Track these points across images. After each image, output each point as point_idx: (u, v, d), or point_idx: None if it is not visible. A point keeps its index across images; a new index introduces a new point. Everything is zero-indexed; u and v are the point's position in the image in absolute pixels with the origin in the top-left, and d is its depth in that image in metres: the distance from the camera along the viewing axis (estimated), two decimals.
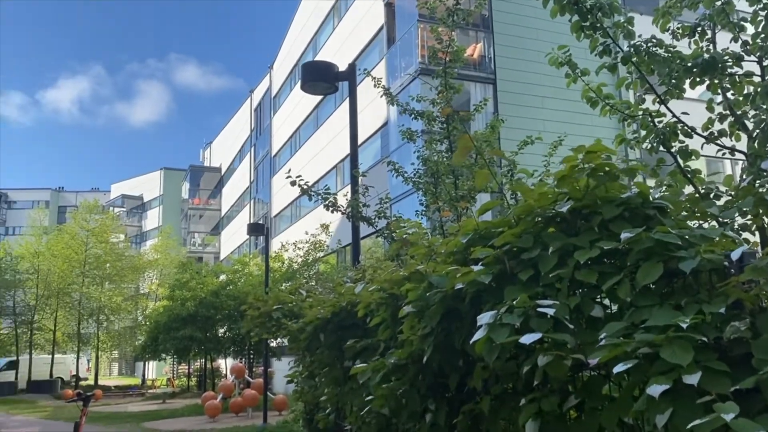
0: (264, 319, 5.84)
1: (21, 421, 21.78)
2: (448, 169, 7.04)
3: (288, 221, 34.05)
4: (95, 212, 40.18)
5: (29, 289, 38.14)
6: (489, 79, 20.59)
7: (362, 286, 4.18)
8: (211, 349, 27.73)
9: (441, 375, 3.16)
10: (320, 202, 7.30)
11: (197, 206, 57.33)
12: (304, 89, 7.43)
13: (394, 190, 15.76)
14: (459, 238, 2.97)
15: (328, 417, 5.79)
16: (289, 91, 35.50)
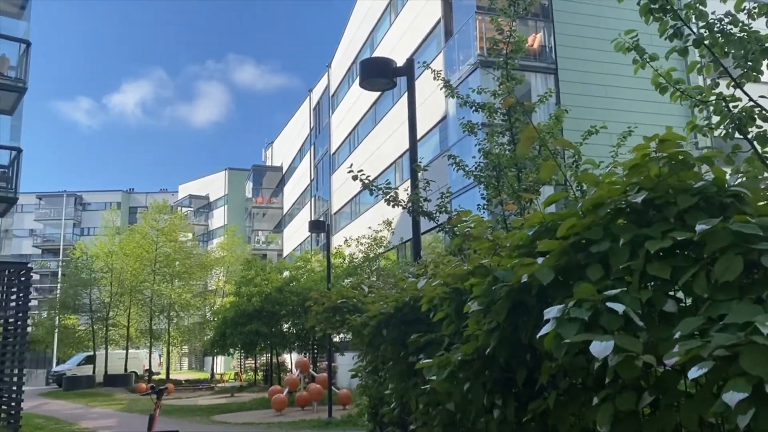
0: (328, 314, 5.90)
1: (99, 413, 22.81)
2: (510, 162, 6.93)
3: (348, 218, 34.35)
4: (164, 212, 41.60)
5: (104, 287, 39.91)
6: (550, 69, 20.19)
7: (425, 281, 4.17)
8: (276, 344, 28.29)
9: (508, 370, 3.11)
10: (380, 197, 7.32)
11: (260, 205, 58.59)
12: (362, 86, 7.45)
13: (455, 184, 15.65)
14: (524, 231, 2.91)
15: (392, 411, 5.81)
16: (347, 88, 35.77)
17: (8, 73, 17.32)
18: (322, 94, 42.03)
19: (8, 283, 16.83)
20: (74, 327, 44.80)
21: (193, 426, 17.10)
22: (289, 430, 15.80)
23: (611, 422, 2.26)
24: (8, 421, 15.74)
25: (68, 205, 79.68)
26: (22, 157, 17.11)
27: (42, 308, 50.10)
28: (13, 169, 17.10)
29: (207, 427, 17.27)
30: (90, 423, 18.65)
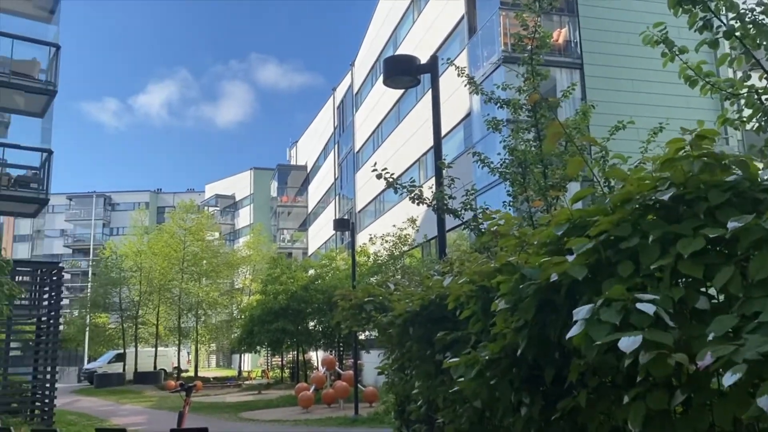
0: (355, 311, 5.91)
1: (129, 409, 23.19)
2: (536, 158, 6.87)
3: (372, 216, 34.40)
4: (191, 212, 42.10)
5: (133, 286, 40.53)
6: (575, 64, 19.98)
7: (451, 278, 4.16)
8: (302, 342, 28.47)
9: (536, 368, 3.09)
10: (405, 195, 7.32)
11: (285, 204, 58.97)
12: (386, 84, 7.45)
13: (479, 181, 15.59)
14: (552, 229, 2.88)
15: (419, 409, 5.80)
16: (371, 87, 35.80)
17: (39, 77, 17.67)
18: (346, 93, 42.12)
19: (41, 283, 17.19)
20: (105, 325, 45.61)
21: (221, 423, 17.30)
22: (317, 427, 15.89)
23: (643, 421, 2.23)
24: (42, 418, 16.08)
25: (98, 206, 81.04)
26: (52, 158, 17.45)
27: (73, 307, 51.04)
28: (44, 170, 17.45)
29: (235, 424, 17.45)
30: (120, 420, 18.96)
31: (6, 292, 7.89)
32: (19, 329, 18.35)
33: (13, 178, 17.04)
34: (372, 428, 15.08)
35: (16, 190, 16.77)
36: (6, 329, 17.01)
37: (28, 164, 17.92)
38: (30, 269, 18.34)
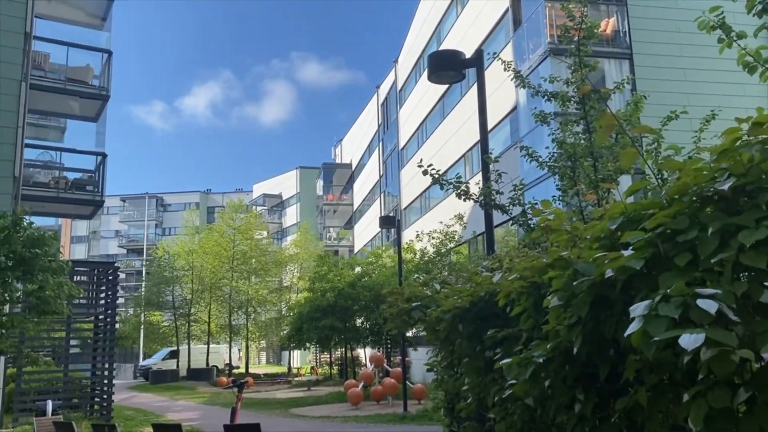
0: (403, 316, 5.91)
1: (183, 405, 23.76)
2: (586, 151, 6.73)
3: (418, 213, 34.34)
4: (240, 211, 42.84)
5: (185, 285, 41.50)
6: (624, 54, 19.50)
7: (500, 275, 4.11)
8: (350, 339, 28.64)
9: (589, 365, 3.03)
10: (451, 191, 7.26)
11: (331, 202, 59.41)
12: (431, 80, 7.42)
13: (527, 175, 15.38)
14: (605, 223, 2.82)
15: (470, 406, 5.77)
16: (415, 83, 35.72)
17: (92, 82, 18.24)
18: (390, 90, 42.14)
19: (98, 282, 17.77)
20: (158, 323, 46.88)
21: (272, 419, 17.56)
22: (366, 424, 15.97)
23: (704, 420, 2.16)
24: (101, 413, 16.63)
25: (150, 207, 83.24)
26: (107, 161, 18.00)
27: (128, 305, 52.62)
28: (99, 173, 18.01)
29: (286, 420, 17.68)
30: (175, 415, 19.45)
31: (66, 292, 8.18)
32: (78, 327, 19.02)
33: (70, 181, 17.64)
34: (421, 425, 15.07)
35: (73, 193, 17.36)
36: (66, 327, 17.66)
37: (84, 167, 18.52)
38: (87, 269, 18.99)
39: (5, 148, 12.47)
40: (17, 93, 12.84)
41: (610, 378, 2.96)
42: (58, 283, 8.13)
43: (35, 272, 7.94)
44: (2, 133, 12.48)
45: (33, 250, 7.88)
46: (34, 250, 7.90)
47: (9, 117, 12.63)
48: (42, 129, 20.50)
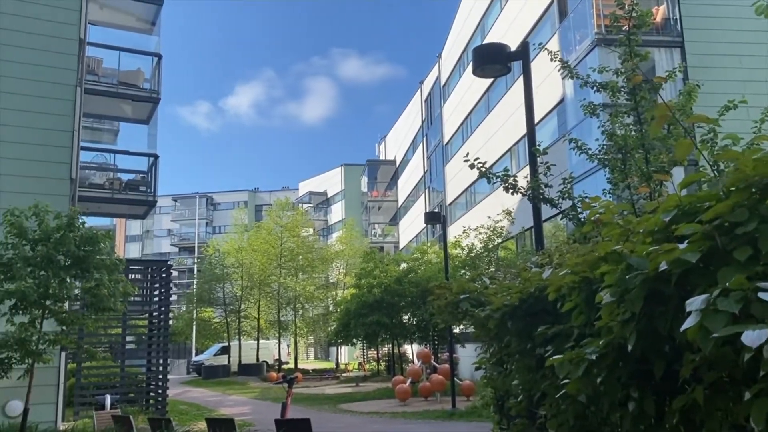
0: (451, 308, 5.87)
1: (235, 400, 24.24)
2: (637, 143, 6.56)
3: (463, 208, 34.14)
4: (287, 209, 43.41)
5: (235, 281, 42.32)
6: (675, 42, 18.91)
7: (550, 270, 4.05)
8: (397, 335, 28.70)
9: (643, 362, 2.96)
10: (498, 185, 7.19)
11: (375, 198, 59.61)
12: (476, 74, 7.34)
13: (575, 168, 15.09)
14: (659, 216, 2.74)
15: (520, 404, 5.71)
16: (459, 77, 35.49)
17: (143, 85, 18.74)
18: (433, 85, 41.98)
19: (151, 280, 18.28)
20: (210, 319, 47.93)
21: (322, 414, 17.75)
22: (414, 420, 15.98)
23: (767, 419, 2.09)
24: (156, 407, 17.11)
25: (200, 206, 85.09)
26: (158, 162, 18.46)
27: (181, 302, 53.88)
28: (151, 174, 18.50)
29: (335, 415, 17.85)
30: (227, 410, 19.85)
31: (121, 290, 8.44)
32: (133, 324, 19.61)
33: (124, 182, 18.17)
34: (470, 422, 14.99)
35: (126, 194, 17.88)
36: (122, 324, 18.23)
37: (137, 168, 19.06)
38: (141, 267, 19.56)
39: (62, 152, 12.92)
40: (72, 98, 13.29)
41: (666, 375, 2.89)
42: (114, 280, 8.38)
43: (91, 270, 8.21)
44: (59, 137, 12.94)
45: (87, 249, 8.15)
46: (88, 248, 8.17)
47: (65, 121, 13.08)
48: (96, 132, 21.17)
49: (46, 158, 12.63)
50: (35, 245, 8.01)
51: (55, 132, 12.88)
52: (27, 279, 7.63)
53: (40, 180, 12.30)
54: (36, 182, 12.18)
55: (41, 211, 8.29)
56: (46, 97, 12.88)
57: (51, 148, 12.75)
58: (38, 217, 8.24)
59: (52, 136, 12.83)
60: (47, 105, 12.87)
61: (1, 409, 11.02)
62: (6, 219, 8.07)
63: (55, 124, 12.91)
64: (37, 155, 12.54)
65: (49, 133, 12.80)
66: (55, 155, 12.76)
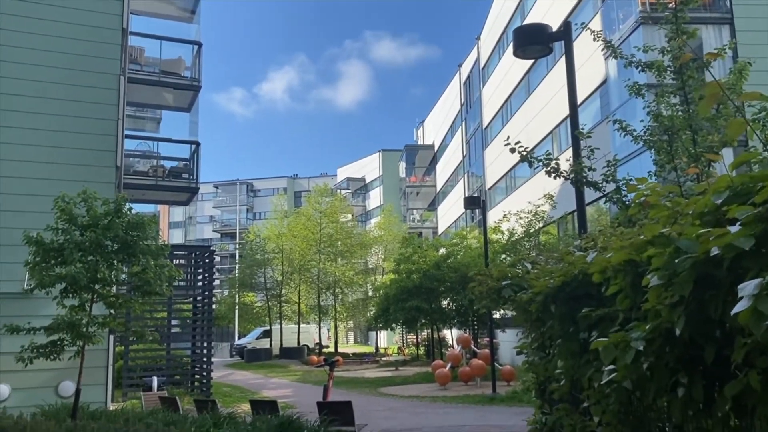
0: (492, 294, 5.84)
1: (277, 383, 24.65)
2: (684, 124, 6.37)
3: (503, 193, 33.81)
4: (325, 195, 43.68)
5: (276, 267, 42.90)
6: (724, 19, 18.28)
7: (594, 254, 3.98)
8: (436, 320, 28.71)
9: (692, 347, 2.89)
10: (538, 170, 7.08)
11: (414, 184, 59.47)
12: (516, 55, 7.22)
13: (619, 151, 14.78)
14: (709, 197, 2.66)
15: (563, 389, 5.65)
16: (498, 59, 35.00)
17: (184, 74, 19.01)
18: (472, 68, 41.50)
19: (195, 265, 18.66)
20: (252, 304, 48.77)
21: (362, 397, 17.92)
22: (455, 404, 16.01)
23: None
24: (201, 389, 17.53)
25: (241, 192, 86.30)
26: (200, 150, 18.75)
27: (223, 287, 54.89)
28: (194, 161, 18.80)
29: (376, 398, 18.00)
30: (270, 392, 20.21)
31: (166, 274, 8.63)
32: (178, 308, 20.08)
33: (167, 169, 18.52)
34: (510, 407, 14.94)
35: (170, 181, 18.22)
36: (167, 308, 18.69)
37: (180, 156, 19.39)
38: (185, 253, 19.99)
39: (107, 140, 13.23)
40: (116, 87, 13.57)
41: (716, 361, 2.82)
42: (160, 265, 8.58)
43: (137, 255, 8.42)
44: (104, 126, 13.25)
45: (133, 234, 8.35)
46: (135, 233, 8.37)
47: (110, 110, 13.38)
48: (139, 120, 21.61)
49: (92, 146, 12.94)
50: (84, 231, 8.24)
51: (101, 121, 13.19)
52: (77, 264, 7.86)
53: (87, 168, 12.62)
54: (83, 170, 12.51)
55: (89, 198, 8.52)
56: (90, 86, 13.18)
57: (97, 137, 13.07)
58: (87, 204, 8.47)
59: (98, 124, 13.14)
60: (92, 94, 13.18)
61: (54, 389, 11.44)
62: (57, 205, 8.32)
63: (100, 112, 13.22)
64: (83, 143, 12.86)
65: (95, 121, 13.11)
66: (100, 143, 13.08)
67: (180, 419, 8.83)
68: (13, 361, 8.07)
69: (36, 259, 8.13)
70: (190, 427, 8.07)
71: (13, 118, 12.32)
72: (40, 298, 9.56)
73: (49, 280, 7.95)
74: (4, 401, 10.86)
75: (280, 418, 8.63)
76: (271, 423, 8.23)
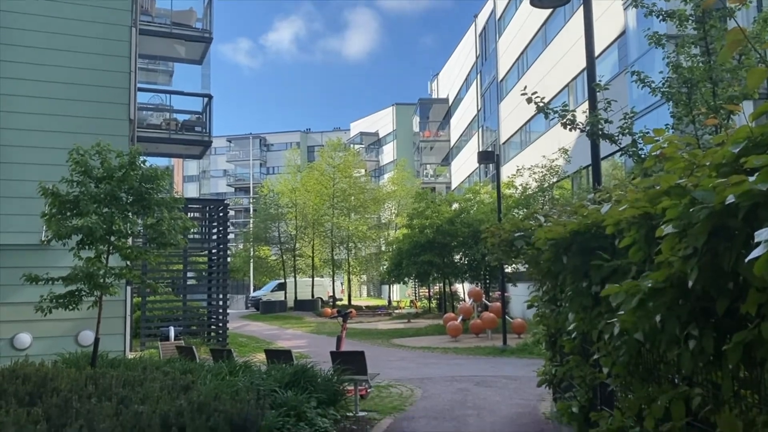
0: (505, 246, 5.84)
1: (291, 334, 25.08)
2: (704, 75, 6.21)
3: (517, 147, 33.50)
4: (339, 150, 43.53)
5: (290, 221, 43.21)
6: None
7: (608, 206, 3.95)
8: (448, 274, 28.89)
9: (704, 299, 2.89)
10: (554, 122, 7.00)
11: (427, 138, 59.04)
12: (533, 4, 7.06)
13: (636, 103, 14.52)
14: (728, 148, 2.61)
15: (573, 341, 5.70)
16: (515, 10, 34.20)
17: (196, 25, 18.78)
18: (488, 19, 40.62)
19: (209, 218, 18.79)
20: (266, 257, 49.31)
21: (375, 348, 18.22)
22: (466, 355, 16.24)
23: None
24: (217, 339, 17.89)
25: (254, 147, 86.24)
26: (212, 102, 18.67)
27: (238, 241, 55.45)
28: (206, 114, 18.74)
29: (388, 349, 18.29)
30: (285, 342, 20.59)
31: (181, 225, 8.70)
32: (194, 261, 20.34)
33: (180, 122, 18.49)
34: (521, 358, 15.14)
35: (183, 134, 18.21)
36: (182, 261, 18.93)
37: (192, 109, 19.33)
38: (199, 206, 20.11)
39: (120, 93, 13.18)
40: (128, 39, 13.43)
41: (727, 313, 2.81)
42: (174, 217, 8.65)
43: (152, 207, 8.49)
44: (117, 78, 13.18)
45: (148, 186, 8.39)
46: (149, 186, 8.41)
47: (122, 62, 13.28)
48: (151, 73, 21.47)
49: (105, 99, 12.91)
50: (99, 183, 8.29)
51: (113, 73, 13.11)
52: (93, 215, 7.93)
53: (100, 121, 12.62)
54: (97, 123, 12.51)
55: (104, 150, 8.54)
56: (102, 38, 13.06)
57: (109, 89, 13.02)
58: (101, 156, 8.50)
59: (110, 77, 13.07)
60: (104, 46, 13.07)
61: (74, 338, 11.72)
62: (71, 157, 8.35)
63: (113, 65, 13.13)
64: (96, 96, 12.83)
65: (107, 74, 13.04)
66: (113, 96, 13.03)
67: (197, 367, 9.04)
68: (33, 311, 8.25)
69: (52, 211, 8.21)
70: (207, 374, 8.26)
71: (25, 70, 12.28)
72: (57, 250, 9.71)
73: (65, 232, 8.04)
74: (26, 349, 11.16)
75: (295, 366, 8.80)
76: (286, 371, 8.40)
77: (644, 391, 3.96)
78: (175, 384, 6.96)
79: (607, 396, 5.23)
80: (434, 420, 8.24)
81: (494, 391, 10.49)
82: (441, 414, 8.64)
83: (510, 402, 9.46)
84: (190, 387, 6.97)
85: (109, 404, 5.82)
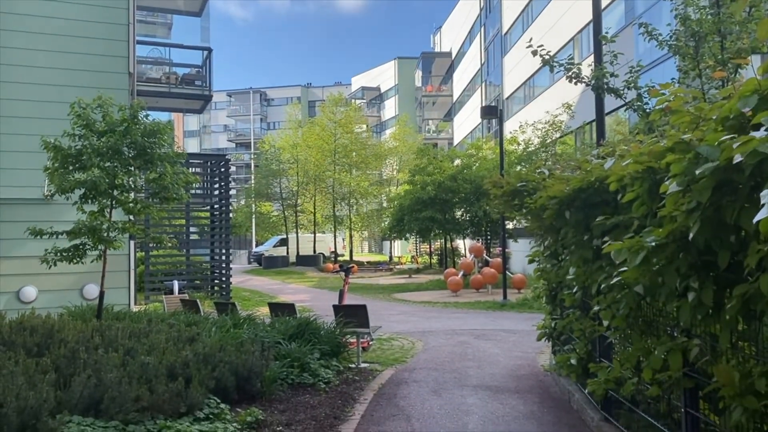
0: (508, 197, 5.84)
1: (294, 288, 25.34)
2: (713, 28, 6.11)
3: (521, 102, 33.17)
4: (340, 105, 43.13)
5: (291, 177, 43.13)
6: None
7: (612, 161, 3.94)
8: (450, 230, 29.00)
9: (705, 252, 2.91)
10: (559, 76, 6.92)
11: (430, 93, 58.43)
12: None
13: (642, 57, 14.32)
14: (735, 102, 2.59)
15: (574, 295, 5.76)
16: None
17: None
18: None
19: (211, 174, 18.77)
20: (268, 213, 49.43)
21: (377, 302, 18.43)
22: (466, 309, 16.44)
23: None
24: (221, 293, 18.09)
25: (255, 101, 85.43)
26: (212, 56, 18.39)
27: (239, 197, 55.53)
28: (206, 68, 18.49)
29: (389, 303, 18.51)
30: (287, 297, 20.82)
31: (183, 179, 8.70)
32: (196, 216, 20.40)
33: (179, 76, 18.25)
34: (521, 313, 15.32)
35: (183, 88, 18.00)
36: (185, 216, 18.99)
37: (192, 63, 19.04)
38: (201, 161, 20.05)
39: (119, 45, 12.99)
40: None
41: (728, 267, 2.84)
42: (176, 171, 8.63)
43: (154, 161, 8.46)
44: (115, 31, 12.97)
45: (150, 140, 8.35)
46: (152, 140, 8.37)
47: (120, 14, 13.05)
48: (150, 26, 21.09)
49: (103, 52, 12.73)
50: (101, 136, 8.25)
51: (111, 25, 12.90)
52: (95, 169, 7.91)
53: (100, 74, 12.48)
54: (96, 76, 12.38)
55: (105, 104, 8.47)
56: None
57: (108, 42, 12.82)
58: (103, 109, 8.43)
59: (109, 29, 12.86)
60: None
61: (79, 292, 11.85)
62: (73, 110, 8.28)
63: (111, 16, 12.91)
64: (95, 49, 12.65)
65: (105, 26, 12.83)
66: (112, 49, 12.84)
67: (201, 320, 9.17)
68: (39, 264, 8.32)
69: (54, 165, 8.19)
70: (211, 327, 8.38)
71: (23, 21, 12.09)
72: (61, 204, 9.73)
73: (68, 186, 8.04)
74: (31, 303, 11.30)
75: (298, 319, 8.93)
76: (290, 324, 8.53)
77: (643, 343, 4.03)
78: (181, 336, 7.08)
79: (605, 348, 5.33)
80: (435, 371, 8.40)
81: (494, 344, 10.66)
82: (441, 365, 8.80)
83: (509, 355, 9.61)
84: (195, 339, 7.09)
85: (115, 355, 5.94)
